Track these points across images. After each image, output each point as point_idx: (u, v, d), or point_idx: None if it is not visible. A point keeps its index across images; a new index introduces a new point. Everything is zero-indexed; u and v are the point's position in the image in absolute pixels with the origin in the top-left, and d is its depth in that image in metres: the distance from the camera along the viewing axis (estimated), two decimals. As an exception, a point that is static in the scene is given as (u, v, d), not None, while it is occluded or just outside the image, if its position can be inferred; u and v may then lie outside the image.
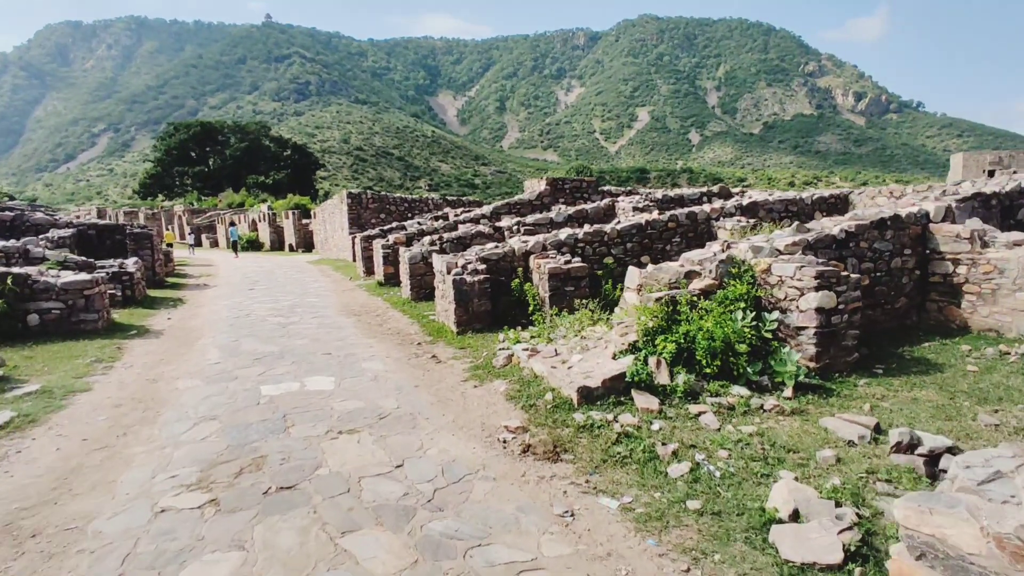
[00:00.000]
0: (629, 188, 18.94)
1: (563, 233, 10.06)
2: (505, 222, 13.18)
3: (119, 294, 12.54)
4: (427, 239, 12.47)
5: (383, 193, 26.16)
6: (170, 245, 32.28)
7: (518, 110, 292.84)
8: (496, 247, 9.83)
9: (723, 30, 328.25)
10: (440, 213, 19.30)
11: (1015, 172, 12.38)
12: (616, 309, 7.39)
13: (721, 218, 11.19)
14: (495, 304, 9.15)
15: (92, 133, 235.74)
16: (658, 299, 5.92)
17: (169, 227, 56.33)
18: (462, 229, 15.00)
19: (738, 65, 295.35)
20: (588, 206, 13.99)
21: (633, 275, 6.85)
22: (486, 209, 16.65)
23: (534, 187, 17.72)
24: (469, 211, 18.02)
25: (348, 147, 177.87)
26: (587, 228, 10.23)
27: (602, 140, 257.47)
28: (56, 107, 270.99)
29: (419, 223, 18.53)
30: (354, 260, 23.15)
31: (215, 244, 49.09)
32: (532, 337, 7.80)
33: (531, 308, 8.99)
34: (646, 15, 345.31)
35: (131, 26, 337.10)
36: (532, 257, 9.40)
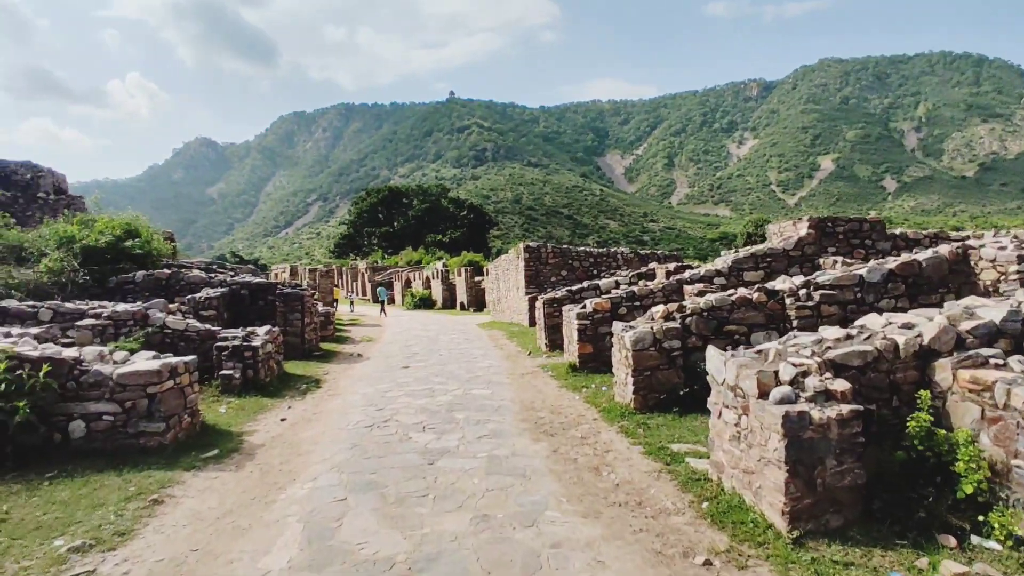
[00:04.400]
0: (936, 231, 12.70)
1: (995, 311, 4.72)
2: (784, 284, 8.04)
3: (237, 375, 9.52)
4: (659, 311, 7.75)
5: (565, 246, 22.25)
6: (336, 301, 31.46)
7: (687, 166, 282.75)
8: (847, 339, 4.73)
9: (922, 65, 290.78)
10: (645, 270, 14.61)
11: None
12: None
13: None
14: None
15: (307, 203, 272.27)
16: None
17: (354, 283, 58.58)
18: (694, 292, 10.11)
19: (942, 102, 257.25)
20: (921, 257, 8.33)
21: None
22: (719, 264, 11.59)
23: (788, 232, 12.30)
24: (694, 268, 13.09)
25: (520, 207, 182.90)
26: (1041, 297, 4.79)
27: (779, 192, 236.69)
28: (282, 182, 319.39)
29: (617, 281, 14.01)
30: (531, 325, 19.22)
31: (391, 300, 49.61)
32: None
33: (969, 489, 3.78)
34: (827, 59, 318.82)
35: (341, 111, 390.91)
36: (947, 364, 4.22)
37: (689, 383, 7.27)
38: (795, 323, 7.61)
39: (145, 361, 6.52)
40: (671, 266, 14.20)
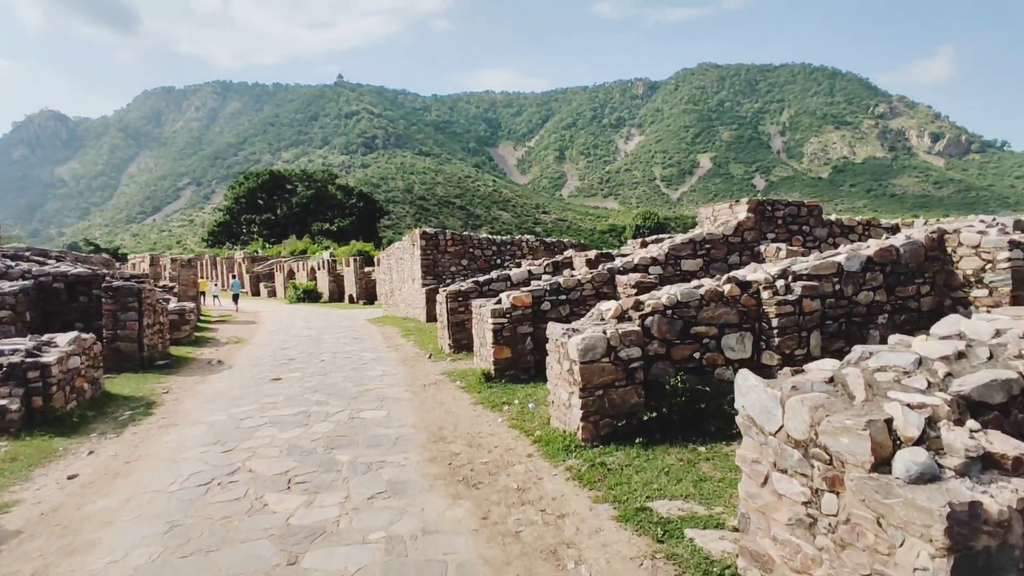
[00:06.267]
0: (868, 218, 12.11)
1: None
2: (757, 274, 6.56)
3: (15, 407, 6.61)
4: (611, 309, 5.96)
5: (466, 234, 20.20)
6: (202, 294, 27.36)
7: (577, 159, 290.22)
8: (960, 357, 3.08)
9: (786, 75, 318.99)
10: (560, 259, 12.92)
11: None
12: None
13: None
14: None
15: (177, 187, 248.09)
16: None
17: (230, 275, 52.96)
18: (630, 284, 8.50)
19: (803, 109, 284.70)
20: (897, 242, 7.21)
21: None
22: (654, 251, 10.11)
23: (724, 216, 11.10)
24: (622, 255, 11.58)
25: (412, 196, 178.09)
26: None
27: (663, 187, 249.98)
28: (148, 164, 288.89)
29: (530, 271, 12.21)
30: (429, 320, 17.06)
31: (272, 293, 45.28)
32: None
33: None
34: (705, 63, 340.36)
35: (217, 89, 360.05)
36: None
37: (654, 405, 5.55)
38: (774, 322, 6.14)
39: None
40: (591, 254, 12.62)
